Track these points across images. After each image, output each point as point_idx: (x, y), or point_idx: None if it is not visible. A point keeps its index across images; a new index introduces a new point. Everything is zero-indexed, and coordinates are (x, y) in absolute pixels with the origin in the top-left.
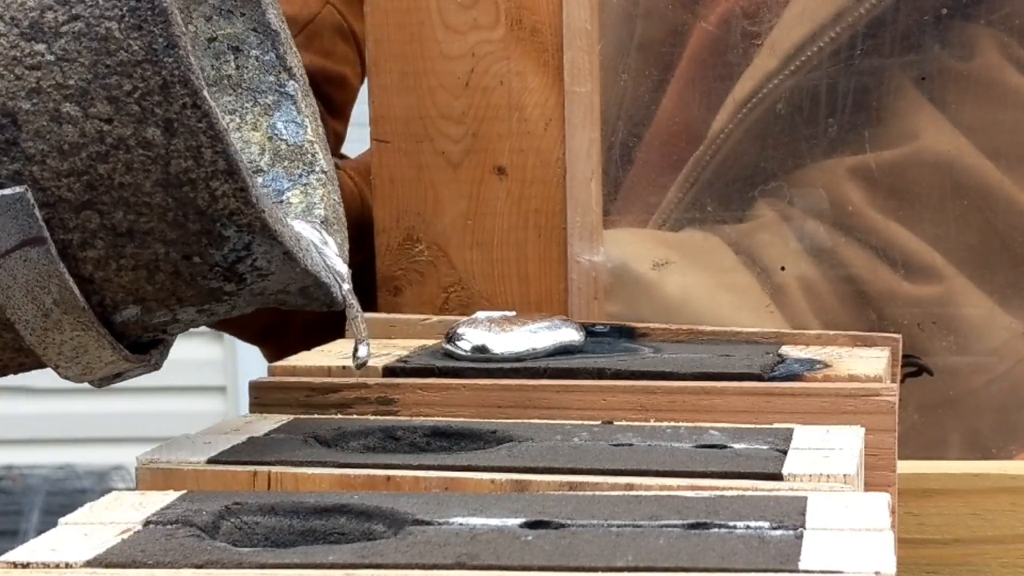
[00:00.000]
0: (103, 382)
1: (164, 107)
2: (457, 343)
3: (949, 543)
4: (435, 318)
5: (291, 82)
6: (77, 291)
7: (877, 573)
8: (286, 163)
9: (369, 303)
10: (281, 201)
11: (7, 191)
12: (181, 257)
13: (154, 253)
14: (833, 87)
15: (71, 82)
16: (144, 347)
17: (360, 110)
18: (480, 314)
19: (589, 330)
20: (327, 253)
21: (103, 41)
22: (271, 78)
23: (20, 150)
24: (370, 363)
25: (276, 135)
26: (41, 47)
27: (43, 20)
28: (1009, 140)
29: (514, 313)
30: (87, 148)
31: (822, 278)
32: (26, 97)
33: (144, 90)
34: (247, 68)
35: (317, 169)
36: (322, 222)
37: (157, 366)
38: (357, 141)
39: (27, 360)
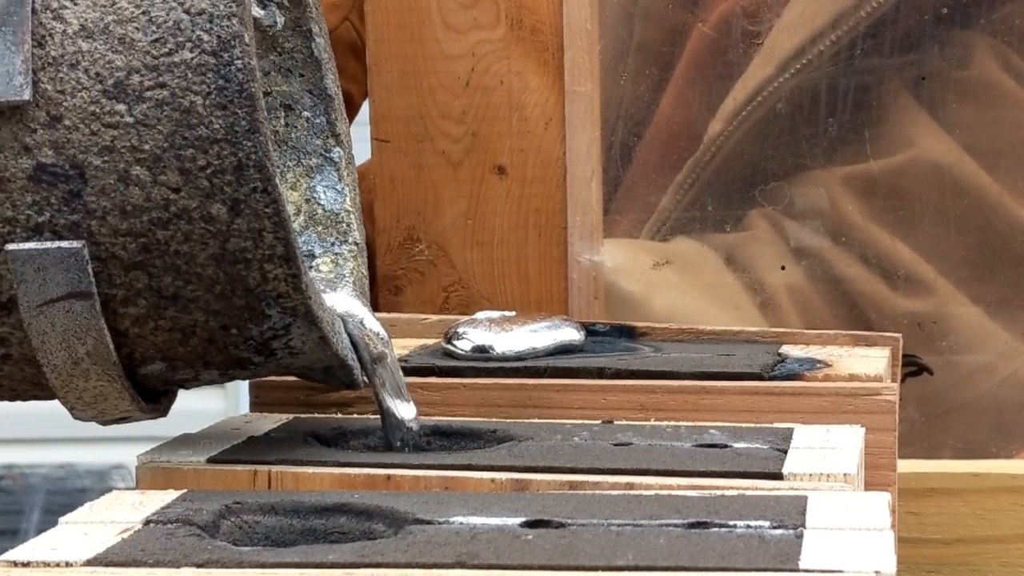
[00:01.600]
0: (109, 423)
1: (235, 187)
2: (457, 343)
3: (949, 543)
4: (435, 317)
5: (337, 148)
6: (112, 345)
7: (877, 572)
8: (320, 228)
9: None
10: (311, 267)
11: (66, 244)
12: (219, 327)
13: (193, 320)
14: (828, 93)
15: (146, 147)
16: (156, 395)
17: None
18: (480, 314)
19: (589, 329)
20: (367, 326)
21: (185, 113)
22: (318, 141)
23: (82, 203)
24: None
25: (314, 199)
26: (122, 107)
27: (128, 81)
28: (1004, 148)
29: (514, 313)
30: (149, 212)
31: (814, 289)
32: (98, 154)
33: (218, 167)
34: (296, 128)
35: (350, 240)
36: (351, 293)
37: (164, 413)
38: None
39: (42, 394)
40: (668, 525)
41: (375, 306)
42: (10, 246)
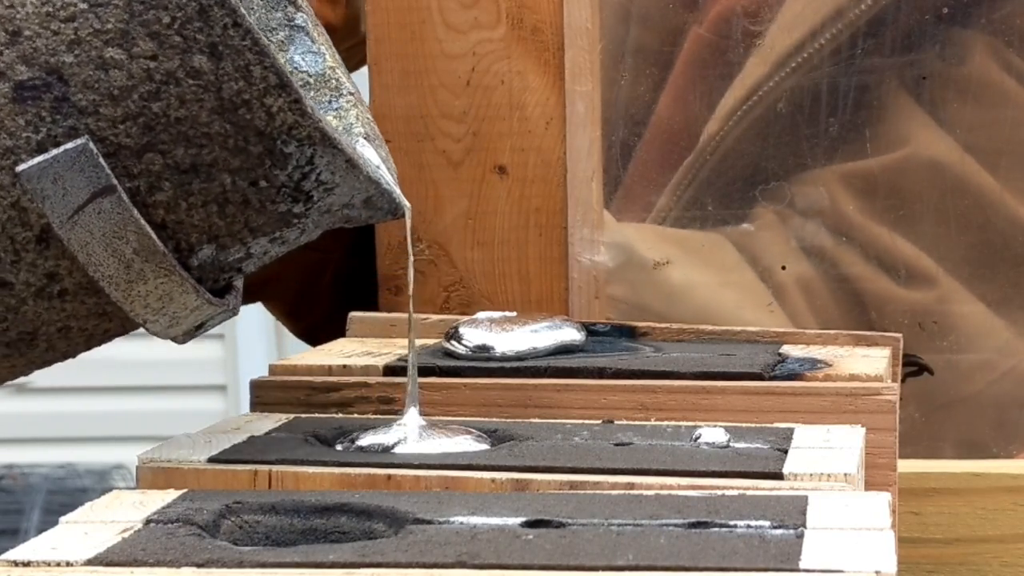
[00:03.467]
0: (187, 336)
1: (206, 32)
2: (458, 343)
3: (950, 542)
4: (436, 317)
5: (299, 14)
6: (154, 236)
7: (878, 572)
8: (313, 93)
9: (371, 303)
10: None
11: (69, 145)
12: (248, 184)
13: (221, 185)
14: (825, 92)
15: (109, 26)
16: (219, 293)
17: None
18: (481, 314)
19: (590, 329)
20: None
21: None
22: (279, 15)
23: (71, 104)
24: (371, 362)
25: (296, 69)
26: None
27: None
28: (1002, 146)
29: (515, 313)
30: (137, 89)
31: (819, 281)
32: (67, 50)
33: (183, 19)
34: (253, 9)
35: (344, 92)
36: (365, 138)
37: (235, 311)
38: None
39: (111, 325)
40: (668, 525)
41: (376, 307)
42: (20, 167)
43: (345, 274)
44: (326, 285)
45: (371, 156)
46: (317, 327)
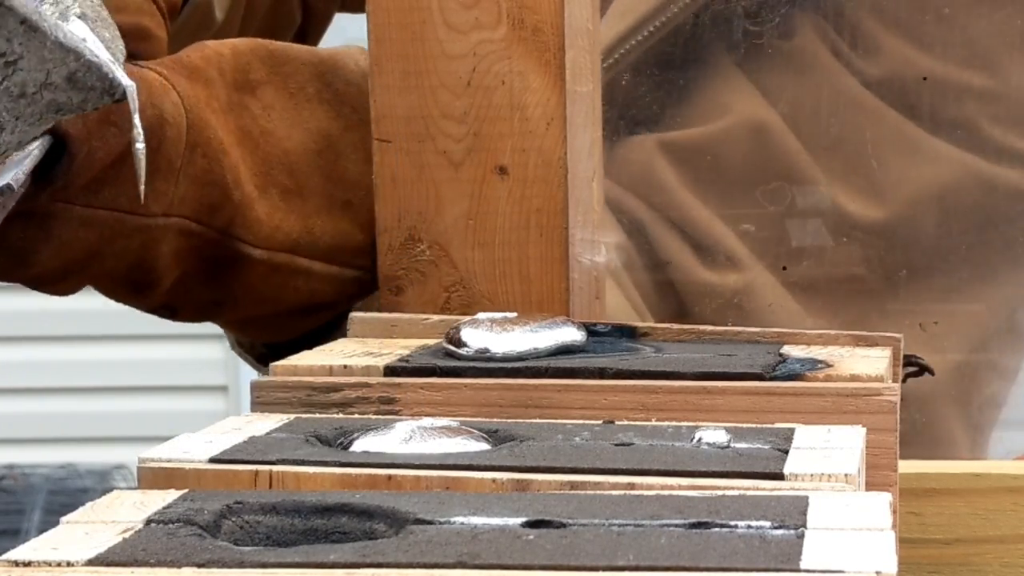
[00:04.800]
0: None
1: None
2: (459, 343)
3: (950, 543)
4: (436, 318)
5: None
6: None
7: (878, 573)
8: None
9: (231, 276)
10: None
11: None
12: None
13: None
14: (654, 66)
15: None
16: None
17: None
18: (482, 314)
19: (590, 330)
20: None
21: None
22: None
23: None
24: (371, 363)
25: None
26: None
27: None
28: (817, 122)
29: (515, 314)
30: None
31: (630, 261)
32: None
33: None
34: None
35: None
36: (79, 18)
37: None
38: None
39: None
40: (669, 525)
41: (377, 306)
42: None
43: (201, 242)
44: (169, 256)
45: (78, 30)
46: (170, 300)
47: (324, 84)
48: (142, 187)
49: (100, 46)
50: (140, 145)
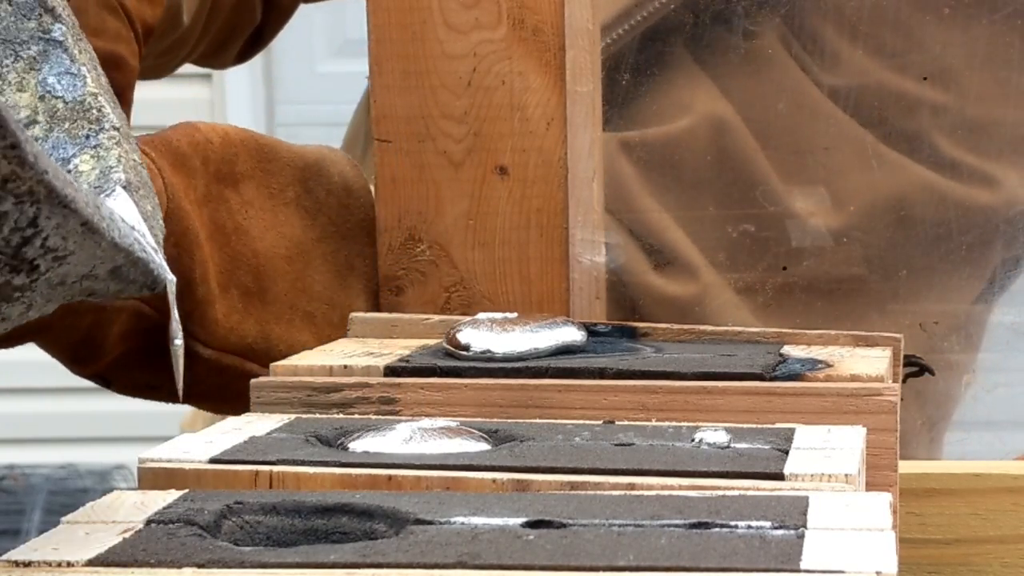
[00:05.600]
0: None
1: None
2: (459, 343)
3: (951, 543)
4: (437, 318)
5: (57, 25)
6: None
7: (878, 573)
8: (67, 125)
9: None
10: (68, 171)
11: None
12: None
13: None
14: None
15: None
16: None
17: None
18: (482, 315)
19: (591, 330)
20: (139, 228)
21: None
22: (31, 24)
23: None
24: (372, 363)
25: (49, 93)
26: None
27: None
28: (776, 126)
29: (516, 315)
30: None
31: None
32: None
33: None
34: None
35: (107, 126)
36: (124, 188)
37: None
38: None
39: None
40: (669, 525)
41: (378, 307)
42: None
43: (150, 325)
44: (116, 336)
45: (128, 212)
46: (107, 373)
47: (305, 190)
48: (180, 384)
49: (148, 235)
50: (179, 342)
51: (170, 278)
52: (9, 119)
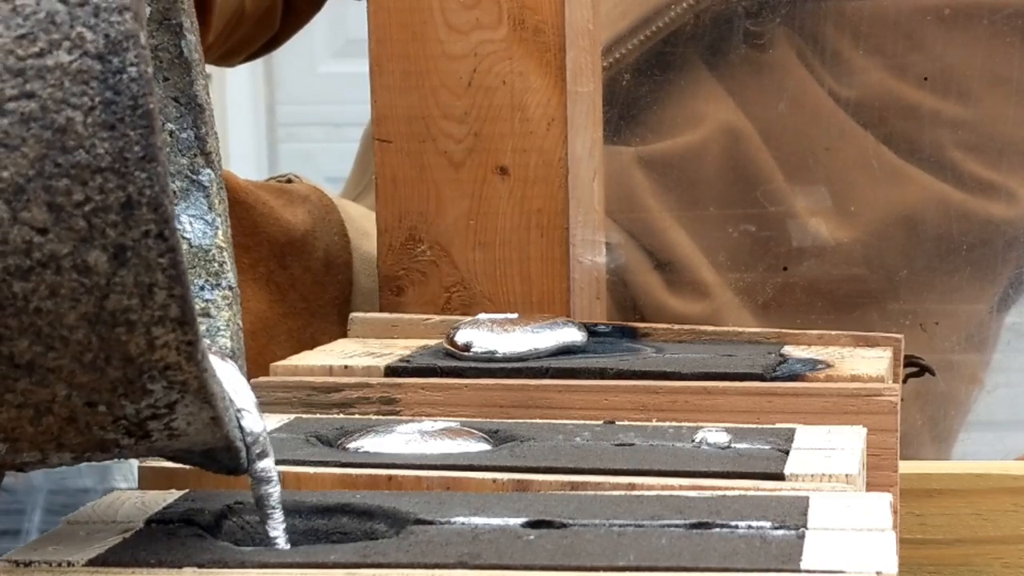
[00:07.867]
0: None
1: (120, 230)
2: (459, 343)
3: (951, 543)
4: (437, 318)
5: (207, 170)
6: None
7: (879, 573)
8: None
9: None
10: None
11: None
12: (84, 404)
13: (52, 394)
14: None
15: (5, 174)
16: None
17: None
18: (482, 315)
19: (591, 330)
20: (243, 405)
21: (59, 133)
22: (184, 160)
23: None
24: (372, 363)
25: (179, 230)
26: None
27: None
28: (790, 136)
29: (516, 315)
30: (5, 259)
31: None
32: None
33: (99, 204)
34: None
35: (224, 284)
36: (231, 357)
37: None
38: (352, 140)
39: None
40: (670, 525)
41: (378, 306)
42: None
43: None
44: None
45: (233, 386)
46: None
47: (281, 266)
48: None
49: (244, 417)
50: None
51: (246, 467)
52: (193, 318)
